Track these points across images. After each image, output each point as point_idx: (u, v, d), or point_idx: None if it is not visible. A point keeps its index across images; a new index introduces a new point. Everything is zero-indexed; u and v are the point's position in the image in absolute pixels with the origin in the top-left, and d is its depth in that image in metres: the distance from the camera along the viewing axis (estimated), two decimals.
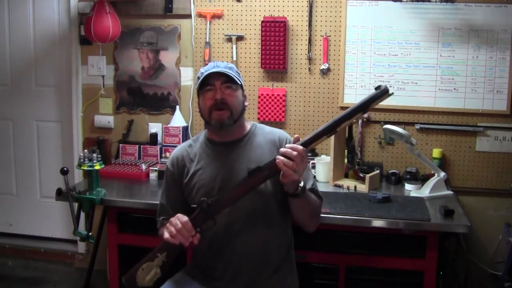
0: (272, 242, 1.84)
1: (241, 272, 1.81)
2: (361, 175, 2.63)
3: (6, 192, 3.64)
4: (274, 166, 1.60)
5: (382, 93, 1.63)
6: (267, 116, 2.97)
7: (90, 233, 2.39)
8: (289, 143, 1.86)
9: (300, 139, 1.64)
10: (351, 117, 1.64)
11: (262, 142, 1.88)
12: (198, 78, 1.85)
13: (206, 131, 1.96)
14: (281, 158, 1.58)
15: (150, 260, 1.67)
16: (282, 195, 1.84)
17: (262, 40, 2.90)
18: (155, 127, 3.14)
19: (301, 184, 1.68)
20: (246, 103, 1.91)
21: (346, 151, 2.74)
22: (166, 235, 1.63)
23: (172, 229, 1.62)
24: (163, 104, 3.15)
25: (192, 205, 1.70)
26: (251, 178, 1.65)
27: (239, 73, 1.88)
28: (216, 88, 1.80)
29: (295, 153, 1.57)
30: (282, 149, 1.59)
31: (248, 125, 1.94)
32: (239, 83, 1.85)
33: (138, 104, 3.18)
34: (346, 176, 2.76)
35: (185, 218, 1.63)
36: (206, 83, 1.81)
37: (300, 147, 1.59)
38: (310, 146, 1.65)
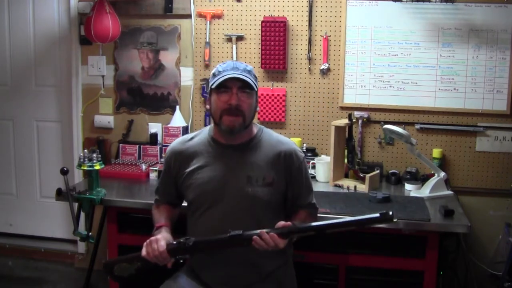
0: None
1: (234, 276, 1.82)
2: (361, 175, 2.64)
3: (6, 192, 3.64)
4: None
5: (384, 219, 1.58)
6: (267, 116, 2.97)
7: (90, 233, 2.39)
8: (296, 159, 1.87)
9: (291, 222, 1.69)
10: (344, 227, 1.66)
11: (267, 151, 1.86)
12: (214, 75, 1.81)
13: (210, 128, 1.94)
14: (258, 240, 1.63)
15: (129, 263, 1.80)
16: (277, 204, 1.86)
17: (262, 40, 2.90)
18: (155, 127, 3.14)
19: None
20: (257, 108, 1.89)
21: (346, 151, 2.74)
22: (144, 252, 1.73)
23: (149, 251, 1.72)
24: (163, 104, 3.15)
25: (173, 242, 1.75)
26: (231, 241, 1.67)
27: (256, 77, 1.85)
28: (232, 92, 1.76)
29: (272, 244, 1.63)
30: (264, 235, 1.62)
31: (255, 129, 1.91)
32: (255, 89, 1.81)
33: (138, 104, 3.18)
34: (346, 176, 2.76)
35: (162, 247, 1.71)
36: (222, 85, 1.77)
37: (280, 241, 1.63)
38: (293, 236, 1.70)
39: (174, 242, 1.73)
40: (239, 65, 1.81)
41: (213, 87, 1.80)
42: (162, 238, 1.73)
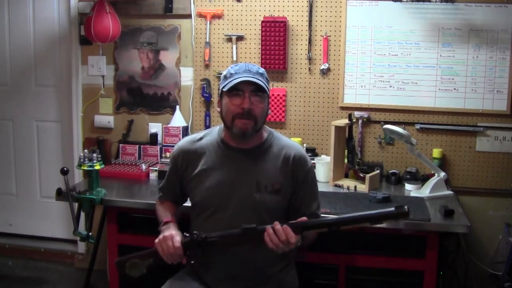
0: (268, 250, 1.83)
1: (236, 278, 1.82)
2: (361, 175, 2.64)
3: (6, 192, 3.64)
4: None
5: (400, 215, 1.54)
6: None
7: (90, 233, 2.39)
8: (304, 164, 1.86)
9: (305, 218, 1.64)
10: (359, 223, 1.62)
11: (276, 156, 1.84)
12: (226, 77, 1.77)
13: (220, 129, 1.91)
14: (270, 232, 1.59)
15: (140, 259, 1.78)
16: (283, 211, 1.85)
17: (262, 40, 2.90)
18: (155, 127, 3.14)
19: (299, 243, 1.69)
20: (269, 112, 1.86)
21: (346, 151, 2.74)
22: (159, 250, 1.71)
23: (164, 248, 1.69)
24: (163, 104, 3.15)
25: (184, 233, 1.73)
26: (244, 234, 1.64)
27: (268, 80, 1.82)
28: (245, 96, 1.74)
29: (283, 237, 1.58)
30: (277, 226, 1.59)
31: (265, 134, 1.89)
32: (268, 92, 1.79)
33: (138, 104, 3.18)
34: (346, 176, 2.76)
35: (177, 243, 1.69)
36: (234, 88, 1.73)
37: (292, 235, 1.58)
38: (307, 231, 1.66)
39: (187, 234, 1.71)
40: (252, 67, 1.77)
41: (224, 89, 1.76)
42: (176, 234, 1.72)
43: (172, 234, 1.71)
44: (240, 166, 1.82)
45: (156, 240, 1.73)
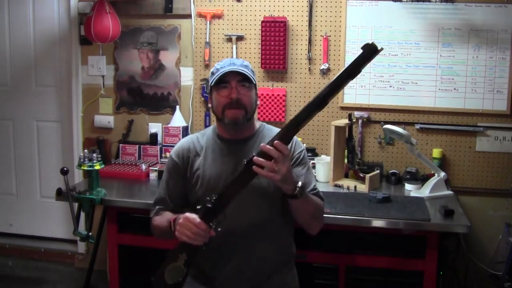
0: (272, 246, 1.83)
1: (235, 277, 1.81)
2: (361, 175, 2.64)
3: (6, 192, 3.64)
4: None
5: (370, 52, 1.47)
6: (267, 116, 2.97)
7: (90, 233, 2.39)
8: (296, 146, 1.88)
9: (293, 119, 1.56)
10: (341, 85, 1.53)
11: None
12: (213, 73, 1.83)
13: (214, 126, 1.95)
14: (259, 159, 1.53)
15: (173, 261, 1.71)
16: (280, 194, 1.84)
17: (262, 40, 2.90)
18: (155, 127, 3.14)
19: (299, 184, 1.66)
20: (258, 102, 1.90)
21: (346, 151, 2.74)
22: (184, 238, 1.63)
23: (188, 232, 1.62)
24: (163, 104, 3.15)
25: (197, 207, 1.69)
26: (248, 170, 1.58)
27: (253, 72, 1.86)
28: (232, 86, 1.78)
29: (276, 154, 1.53)
30: (263, 147, 1.53)
31: (257, 125, 1.93)
32: (254, 82, 1.84)
33: (138, 104, 3.19)
34: (346, 176, 2.76)
35: (197, 219, 1.62)
36: (221, 80, 1.79)
37: (283, 146, 1.53)
38: (303, 125, 1.57)
39: (199, 207, 1.65)
40: (236, 61, 1.83)
41: (212, 84, 1.82)
42: (189, 214, 1.65)
43: (185, 216, 1.65)
44: (237, 156, 1.83)
45: (176, 233, 1.66)
